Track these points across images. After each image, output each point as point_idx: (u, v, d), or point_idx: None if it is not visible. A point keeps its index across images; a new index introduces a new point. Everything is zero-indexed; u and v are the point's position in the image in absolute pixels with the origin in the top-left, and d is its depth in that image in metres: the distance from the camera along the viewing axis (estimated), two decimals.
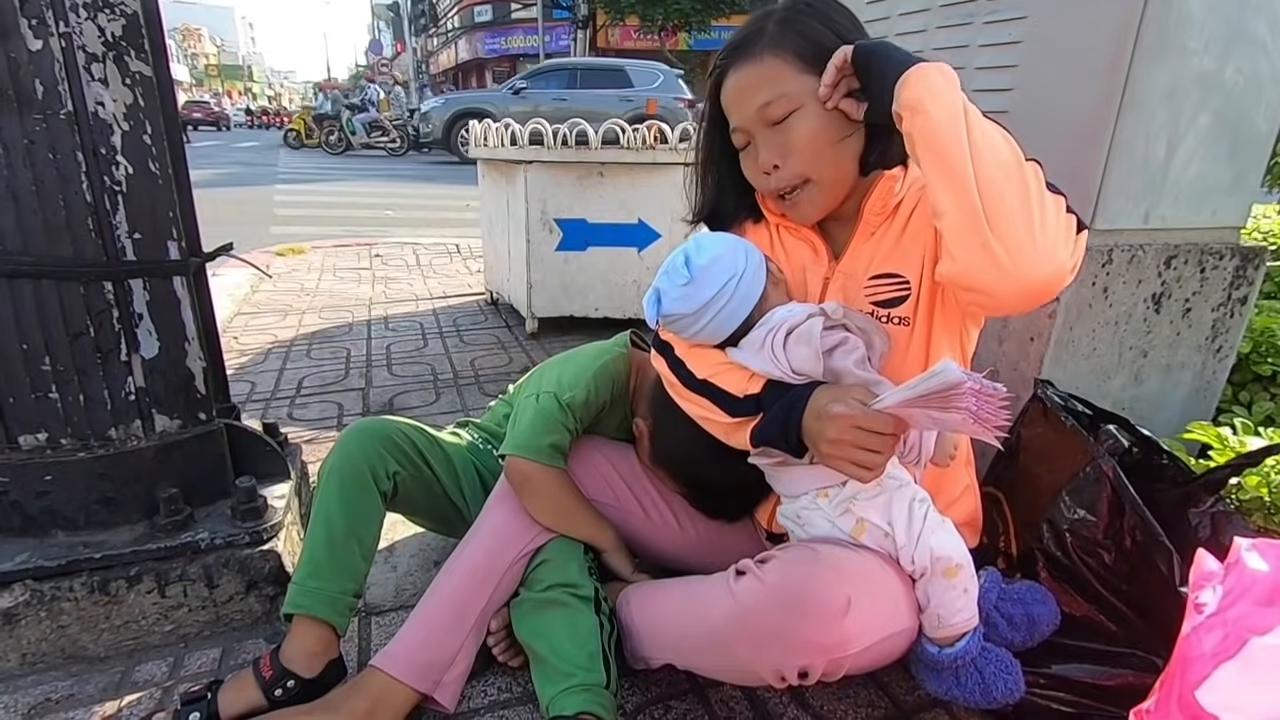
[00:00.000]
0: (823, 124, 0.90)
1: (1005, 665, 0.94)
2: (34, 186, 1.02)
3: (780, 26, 0.90)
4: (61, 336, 1.09)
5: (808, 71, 0.89)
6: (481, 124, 3.01)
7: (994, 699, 0.93)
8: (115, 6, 1.03)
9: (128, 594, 1.15)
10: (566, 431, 1.13)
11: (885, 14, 1.73)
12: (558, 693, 0.97)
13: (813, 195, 0.95)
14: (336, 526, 1.07)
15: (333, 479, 1.10)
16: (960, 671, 0.93)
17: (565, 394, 1.13)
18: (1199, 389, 1.60)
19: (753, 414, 0.91)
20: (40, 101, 1.00)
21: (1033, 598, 1.02)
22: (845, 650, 0.86)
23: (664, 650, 1.04)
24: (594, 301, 2.90)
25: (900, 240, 0.95)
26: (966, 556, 0.93)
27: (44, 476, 1.13)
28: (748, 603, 0.89)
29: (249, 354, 2.68)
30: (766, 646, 0.88)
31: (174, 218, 1.15)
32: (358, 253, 4.71)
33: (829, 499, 0.96)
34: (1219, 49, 1.33)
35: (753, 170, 0.97)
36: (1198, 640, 0.62)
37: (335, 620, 1.05)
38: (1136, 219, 1.40)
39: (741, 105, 0.93)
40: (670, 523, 1.21)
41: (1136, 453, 1.11)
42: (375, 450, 1.12)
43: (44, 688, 1.09)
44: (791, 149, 0.91)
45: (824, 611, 0.84)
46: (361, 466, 1.11)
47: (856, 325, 0.91)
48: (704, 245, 0.96)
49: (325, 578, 1.05)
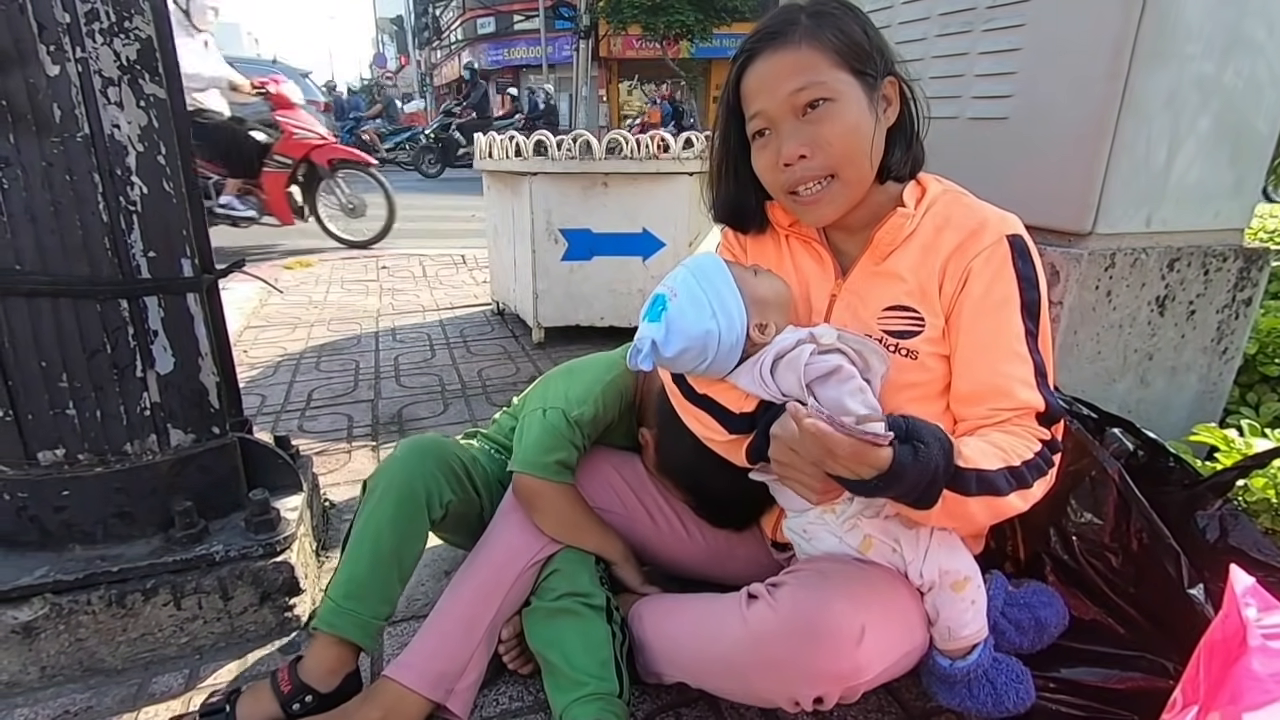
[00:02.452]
0: (857, 119, 0.88)
1: (1016, 674, 0.94)
2: (52, 207, 1.05)
3: (816, 20, 0.88)
4: (78, 354, 1.11)
5: (842, 68, 0.87)
6: (486, 136, 3.04)
7: (1006, 709, 0.93)
8: (130, 31, 1.06)
9: (144, 606, 1.16)
10: (574, 448, 1.13)
11: (886, 22, 1.75)
12: (571, 701, 0.98)
13: (834, 193, 0.91)
14: (384, 549, 1.05)
15: (388, 499, 1.07)
16: (973, 684, 0.93)
17: (574, 410, 1.13)
18: (1205, 391, 1.60)
19: (747, 431, 0.92)
20: (58, 125, 1.02)
21: (1039, 600, 1.02)
22: (860, 678, 0.85)
23: (676, 669, 1.03)
24: (599, 311, 2.92)
25: (917, 274, 0.93)
26: (974, 568, 0.93)
27: (61, 491, 1.15)
28: (760, 630, 0.88)
29: (259, 367, 2.70)
30: (780, 674, 0.87)
31: (187, 235, 1.17)
32: (365, 265, 4.74)
33: (836, 514, 0.96)
34: (1218, 53, 1.34)
35: (769, 162, 0.92)
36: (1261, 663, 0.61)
37: (365, 644, 1.05)
38: (1139, 222, 1.40)
39: (771, 90, 0.89)
40: (678, 531, 1.22)
41: (1142, 456, 1.11)
42: (434, 475, 1.10)
43: (62, 700, 1.11)
44: (823, 141, 0.88)
45: (838, 641, 0.83)
46: (419, 491, 1.08)
47: (851, 348, 0.89)
48: (670, 335, 0.91)
49: (363, 600, 1.04)
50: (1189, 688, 0.69)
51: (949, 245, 0.92)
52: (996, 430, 0.86)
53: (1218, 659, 0.66)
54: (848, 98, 0.88)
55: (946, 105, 1.58)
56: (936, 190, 0.97)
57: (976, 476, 0.79)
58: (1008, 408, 0.87)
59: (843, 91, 0.88)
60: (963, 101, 1.57)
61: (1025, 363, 0.88)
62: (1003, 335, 0.88)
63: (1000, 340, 0.88)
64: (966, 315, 0.90)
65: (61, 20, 1.00)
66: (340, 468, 1.89)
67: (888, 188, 0.97)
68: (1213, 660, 0.67)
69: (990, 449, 0.82)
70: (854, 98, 0.88)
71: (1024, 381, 0.87)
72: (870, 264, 0.97)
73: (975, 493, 0.78)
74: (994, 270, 0.90)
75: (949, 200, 0.96)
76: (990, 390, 0.88)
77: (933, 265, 0.92)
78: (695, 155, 2.75)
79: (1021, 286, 0.89)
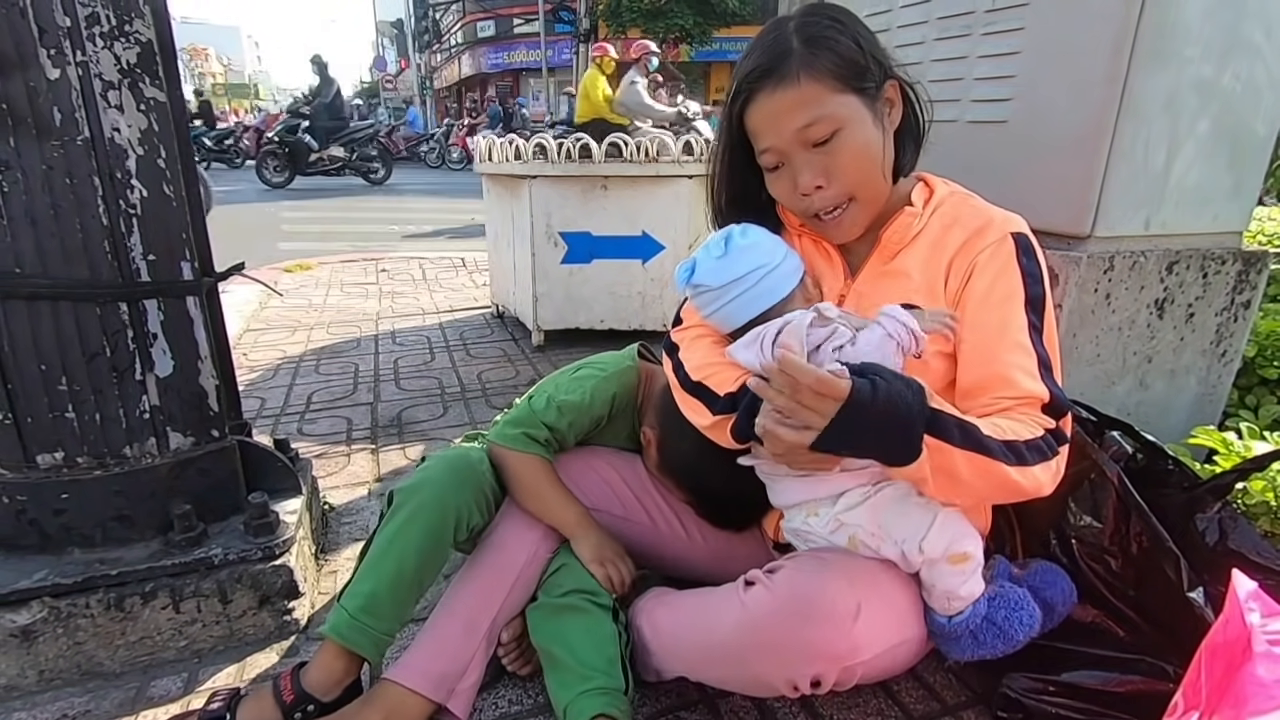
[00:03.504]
0: (866, 143, 0.90)
1: (1014, 602, 0.92)
2: (52, 211, 1.05)
3: (809, 46, 0.88)
4: (78, 357, 1.11)
5: (843, 91, 0.88)
6: (486, 140, 3.04)
7: (1018, 641, 0.92)
8: (130, 35, 1.06)
9: (143, 610, 1.16)
10: (544, 426, 1.15)
11: (886, 25, 1.75)
12: (578, 694, 0.97)
13: (854, 214, 0.95)
14: (407, 571, 1.04)
15: (418, 522, 1.05)
16: (977, 632, 0.92)
17: (560, 395, 1.16)
18: (1204, 394, 1.60)
19: (729, 412, 0.93)
20: (58, 128, 1.03)
21: (1045, 581, 1.00)
22: (856, 657, 0.86)
23: (676, 662, 1.04)
24: (599, 313, 2.92)
25: (924, 273, 0.94)
26: (977, 545, 0.92)
27: (61, 494, 1.15)
28: (758, 612, 0.90)
29: (258, 370, 2.70)
30: (778, 655, 0.88)
31: (187, 238, 1.17)
32: (364, 268, 4.74)
33: (819, 518, 0.96)
34: (1216, 56, 1.34)
35: (787, 191, 0.96)
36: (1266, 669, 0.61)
37: (373, 658, 1.04)
38: (1137, 225, 1.41)
39: (778, 128, 0.91)
40: (679, 532, 1.22)
41: (1142, 458, 1.11)
42: (467, 503, 1.08)
43: (61, 704, 1.11)
44: (838, 170, 0.91)
45: (835, 619, 0.85)
46: (450, 518, 1.06)
47: (854, 326, 0.90)
48: (750, 230, 0.97)
49: (380, 617, 1.02)
50: (1190, 691, 0.69)
51: (955, 242, 0.94)
52: (999, 415, 0.86)
53: (1220, 663, 0.66)
54: (854, 121, 0.89)
55: (946, 108, 1.58)
56: (944, 192, 0.99)
57: (958, 425, 0.79)
58: (1011, 396, 0.87)
59: (848, 116, 0.89)
60: (962, 104, 1.57)
61: (1029, 354, 0.88)
62: (1007, 329, 0.89)
63: (1004, 333, 0.89)
64: (971, 309, 0.91)
65: (62, 24, 1.00)
66: (339, 471, 1.88)
67: (897, 186, 0.99)
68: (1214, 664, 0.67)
69: (986, 422, 0.82)
70: (859, 118, 0.89)
71: (1027, 372, 0.87)
72: (879, 264, 0.98)
73: (960, 444, 0.78)
74: (999, 265, 0.91)
75: (956, 201, 0.98)
76: (993, 380, 0.88)
77: (940, 262, 0.94)
78: (696, 159, 2.76)
79: (1026, 282, 0.90)
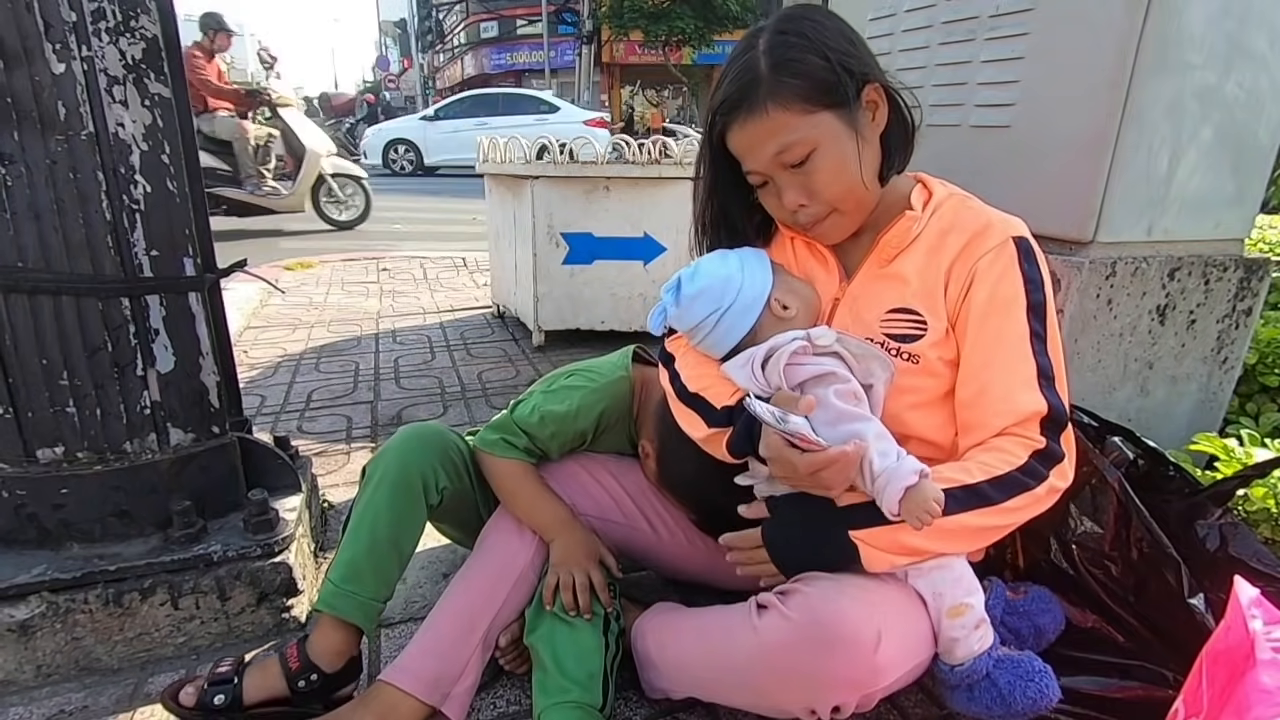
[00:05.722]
0: (842, 158, 0.90)
1: (1025, 673, 0.88)
2: (55, 205, 1.05)
3: (775, 72, 0.87)
4: (79, 351, 1.11)
5: (814, 110, 0.88)
6: (489, 140, 3.05)
7: (1016, 710, 0.88)
8: (136, 30, 1.06)
9: (141, 606, 1.16)
10: (522, 434, 1.16)
11: (889, 29, 1.76)
12: (551, 705, 0.98)
13: (838, 222, 0.96)
14: (381, 534, 1.07)
15: (385, 485, 1.09)
16: (974, 687, 0.90)
17: (546, 405, 1.16)
18: (1205, 400, 1.60)
19: (725, 426, 0.92)
20: (63, 123, 1.03)
21: (1038, 608, 1.01)
22: (878, 684, 0.83)
23: (686, 685, 1.02)
24: (600, 315, 2.92)
25: (922, 277, 0.93)
26: (973, 590, 0.90)
27: (60, 489, 1.14)
28: (774, 640, 0.86)
29: (259, 367, 2.70)
30: (797, 684, 0.85)
31: (190, 234, 1.17)
32: (365, 266, 4.74)
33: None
34: (1219, 63, 1.34)
35: (775, 206, 0.97)
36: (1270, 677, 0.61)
37: (364, 624, 1.07)
38: (1140, 232, 1.40)
39: (755, 156, 0.92)
40: (678, 538, 1.22)
41: (1142, 464, 1.11)
42: (430, 462, 1.12)
43: (58, 699, 1.10)
44: (816, 189, 0.91)
45: (857, 647, 0.81)
46: (414, 477, 1.10)
47: (852, 352, 0.89)
48: (698, 274, 0.98)
49: (361, 583, 1.06)
50: (1190, 698, 0.69)
51: (954, 248, 0.92)
52: (980, 450, 0.87)
53: (1222, 670, 0.66)
54: (828, 139, 0.89)
55: (949, 113, 1.58)
56: (943, 194, 0.98)
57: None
58: (1006, 413, 0.87)
59: (820, 136, 0.89)
60: (965, 109, 1.57)
61: (1029, 364, 0.87)
62: (1007, 337, 0.89)
63: (1004, 342, 0.89)
64: (973, 318, 0.90)
65: (68, 18, 1.00)
66: (339, 469, 1.88)
67: (894, 187, 0.98)
68: (1216, 671, 0.67)
69: (954, 467, 0.86)
70: (833, 134, 0.89)
71: (1026, 384, 0.87)
72: (875, 267, 0.97)
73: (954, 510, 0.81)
74: (999, 272, 0.90)
75: (955, 204, 0.97)
76: (990, 392, 0.88)
77: (938, 268, 0.93)
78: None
79: (1027, 288, 0.90)
